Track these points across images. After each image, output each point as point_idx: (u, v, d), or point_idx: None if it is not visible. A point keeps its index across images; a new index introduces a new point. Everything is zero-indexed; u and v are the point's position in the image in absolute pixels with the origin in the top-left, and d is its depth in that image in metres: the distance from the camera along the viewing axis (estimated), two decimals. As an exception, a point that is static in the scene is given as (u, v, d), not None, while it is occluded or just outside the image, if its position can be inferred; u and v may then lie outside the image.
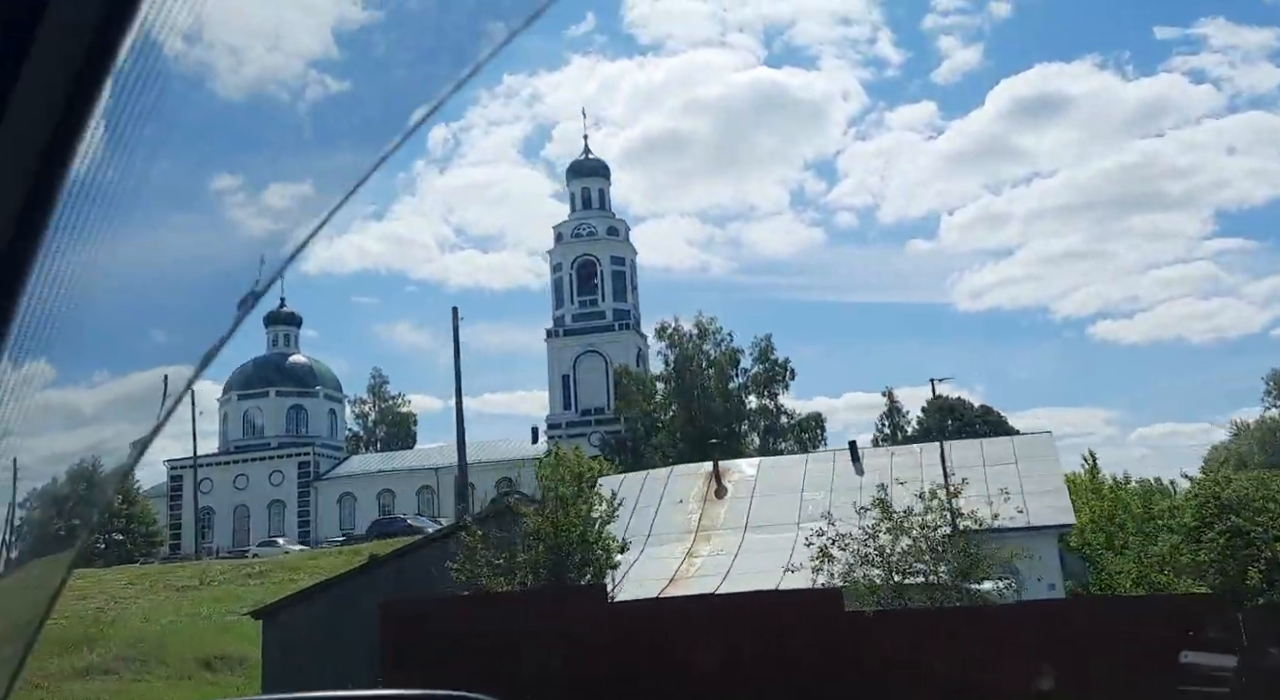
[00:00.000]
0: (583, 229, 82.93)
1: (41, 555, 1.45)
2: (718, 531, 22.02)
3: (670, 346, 72.48)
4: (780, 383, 70.67)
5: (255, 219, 1.15)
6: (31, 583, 1.37)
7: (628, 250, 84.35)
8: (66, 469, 1.36)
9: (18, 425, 1.11)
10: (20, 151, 0.95)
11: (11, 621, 1.37)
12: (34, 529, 1.44)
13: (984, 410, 78.15)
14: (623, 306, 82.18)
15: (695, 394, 70.74)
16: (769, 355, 71.10)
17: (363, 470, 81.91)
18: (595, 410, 79.17)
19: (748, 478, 25.84)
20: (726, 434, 71.26)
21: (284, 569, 35.40)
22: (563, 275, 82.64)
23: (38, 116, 0.94)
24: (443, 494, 79.04)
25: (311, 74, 1.08)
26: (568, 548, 18.21)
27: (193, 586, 32.97)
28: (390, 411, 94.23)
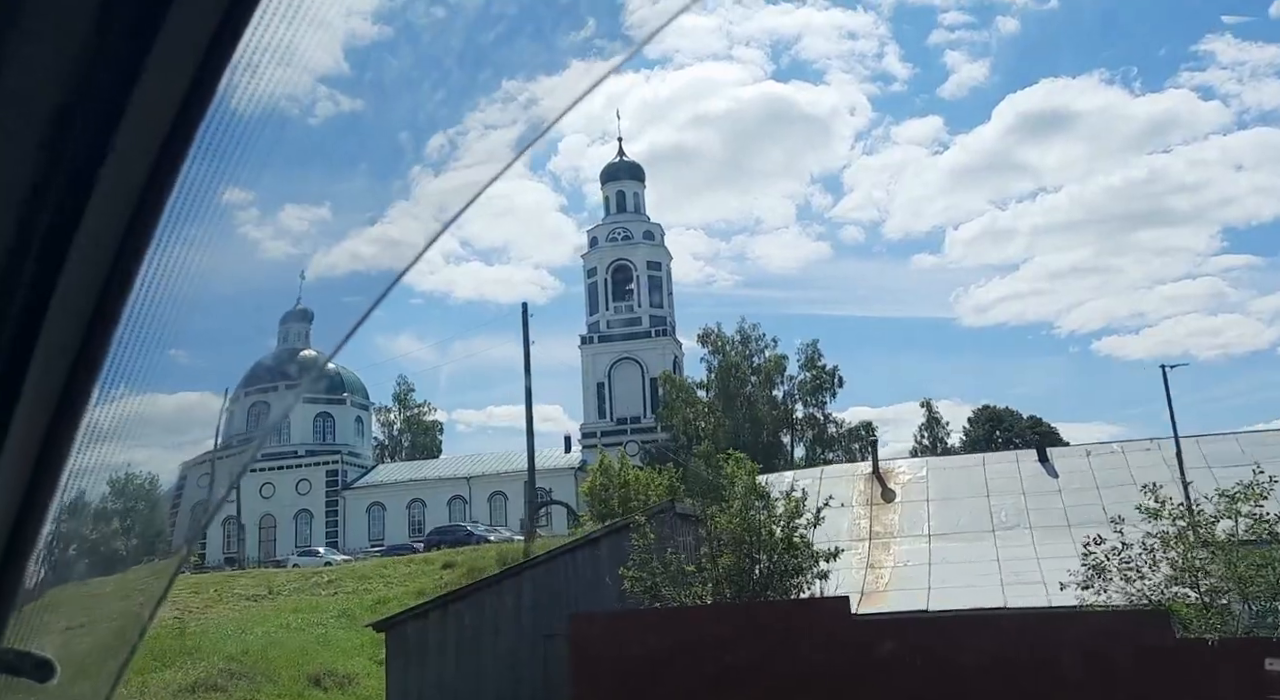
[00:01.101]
0: (618, 233, 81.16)
1: (145, 562, 1.53)
2: (895, 539, 19.86)
3: (713, 353, 70.62)
4: (828, 390, 68.76)
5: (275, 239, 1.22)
6: (135, 589, 1.44)
7: (663, 255, 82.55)
8: (168, 479, 1.42)
9: (121, 437, 1.15)
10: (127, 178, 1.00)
11: (115, 627, 1.43)
12: (137, 537, 1.55)
13: (1033, 422, 76.21)
14: (659, 312, 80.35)
15: (740, 402, 68.84)
16: (816, 362, 69.23)
17: (391, 479, 79.83)
18: (631, 419, 77.21)
19: (914, 480, 23.65)
20: (772, 443, 69.51)
21: (354, 578, 33.36)
22: (597, 280, 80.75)
23: (143, 154, 0.99)
24: (474, 504, 77.07)
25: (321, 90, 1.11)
26: (761, 553, 16.03)
27: (262, 595, 30.93)
28: (416, 420, 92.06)
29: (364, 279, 1.21)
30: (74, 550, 1.38)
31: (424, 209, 1.19)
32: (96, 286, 1.04)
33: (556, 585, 17.60)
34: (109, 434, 1.14)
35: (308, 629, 24.66)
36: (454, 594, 19.12)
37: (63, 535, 1.26)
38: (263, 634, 23.31)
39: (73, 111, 0.96)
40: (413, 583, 32.71)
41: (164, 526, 1.52)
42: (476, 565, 34.06)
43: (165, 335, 1.11)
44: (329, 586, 32.32)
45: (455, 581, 32.83)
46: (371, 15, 1.13)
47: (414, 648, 18.37)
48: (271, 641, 22.46)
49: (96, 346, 1.06)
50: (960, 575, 17.24)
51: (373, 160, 1.25)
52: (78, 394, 1.08)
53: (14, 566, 1.13)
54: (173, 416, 1.27)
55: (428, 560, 35.47)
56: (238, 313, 1.35)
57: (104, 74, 0.95)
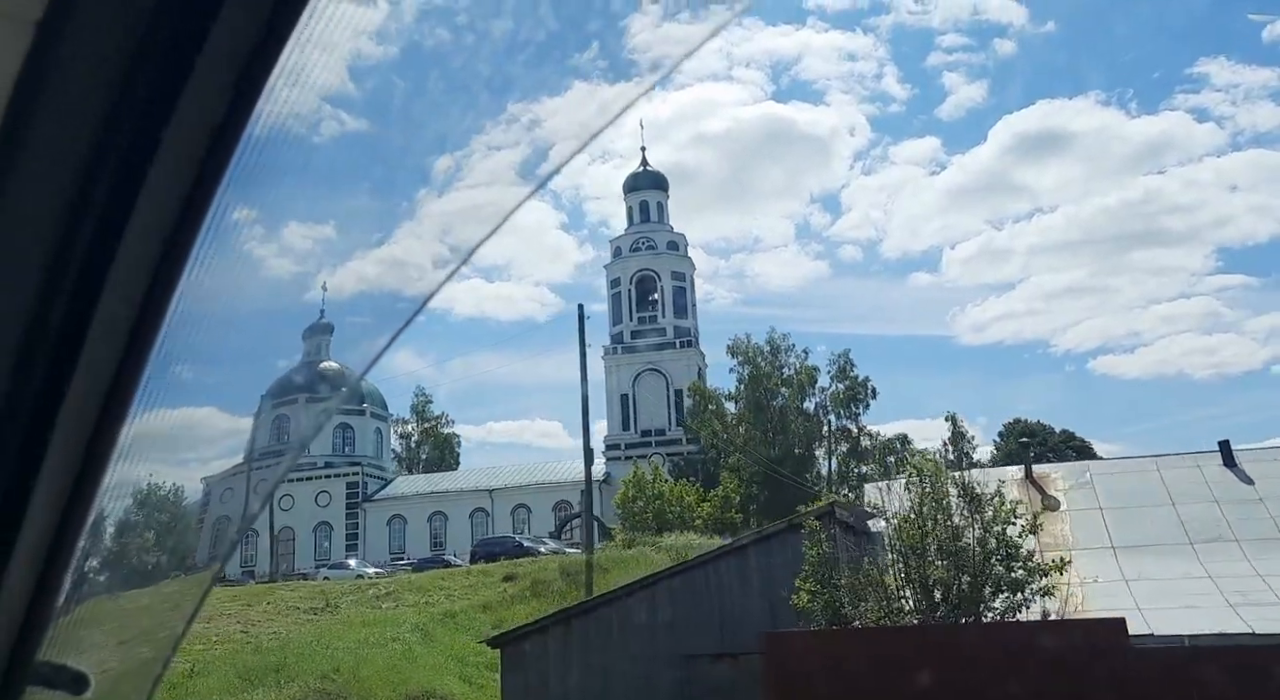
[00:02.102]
0: (642, 242, 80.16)
1: (177, 576, 1.53)
2: (1076, 552, 18.09)
3: (743, 363, 69.42)
4: (861, 402, 67.58)
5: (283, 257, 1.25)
6: (169, 603, 1.45)
7: (687, 265, 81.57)
8: (197, 495, 1.47)
9: (155, 454, 1.19)
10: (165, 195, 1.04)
11: (149, 640, 1.44)
12: (170, 552, 1.55)
13: (1066, 435, 75.19)
14: (683, 323, 79.26)
15: (770, 414, 67.66)
16: (849, 373, 68.09)
17: (412, 491, 78.42)
18: (656, 431, 75.97)
19: (1075, 486, 22.05)
20: (803, 457, 68.31)
21: (411, 590, 32.08)
22: (621, 290, 79.66)
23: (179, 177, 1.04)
24: (497, 517, 75.69)
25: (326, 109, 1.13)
26: (969, 564, 14.38)
27: (319, 608, 29.63)
28: (433, 432, 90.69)
29: (368, 300, 1.23)
30: (108, 565, 1.38)
31: (428, 230, 1.20)
32: (134, 308, 1.07)
33: (697, 598, 16.29)
34: (143, 451, 1.16)
35: (386, 644, 23.39)
36: (577, 608, 17.85)
37: (98, 550, 1.26)
38: (344, 649, 22.04)
39: (115, 134, 0.99)
40: (475, 595, 31.48)
41: (195, 541, 1.60)
42: (540, 578, 32.88)
43: (196, 353, 1.14)
44: (387, 599, 31.04)
45: (519, 594, 31.63)
46: (377, 36, 1.14)
47: (532, 666, 17.15)
48: (360, 658, 21.19)
49: (132, 366, 1.09)
50: (1172, 595, 15.56)
51: (378, 181, 1.27)
52: (114, 413, 1.10)
53: (51, 581, 1.15)
54: (202, 433, 1.30)
55: (485, 572, 34.20)
56: (261, 329, 1.37)
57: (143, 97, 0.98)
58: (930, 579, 14.19)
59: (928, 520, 14.52)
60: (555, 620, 17.50)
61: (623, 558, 35.67)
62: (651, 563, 35.61)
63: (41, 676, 1.20)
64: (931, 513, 14.63)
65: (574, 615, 17.30)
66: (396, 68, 1.16)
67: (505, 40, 1.09)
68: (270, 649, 21.43)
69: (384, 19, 1.15)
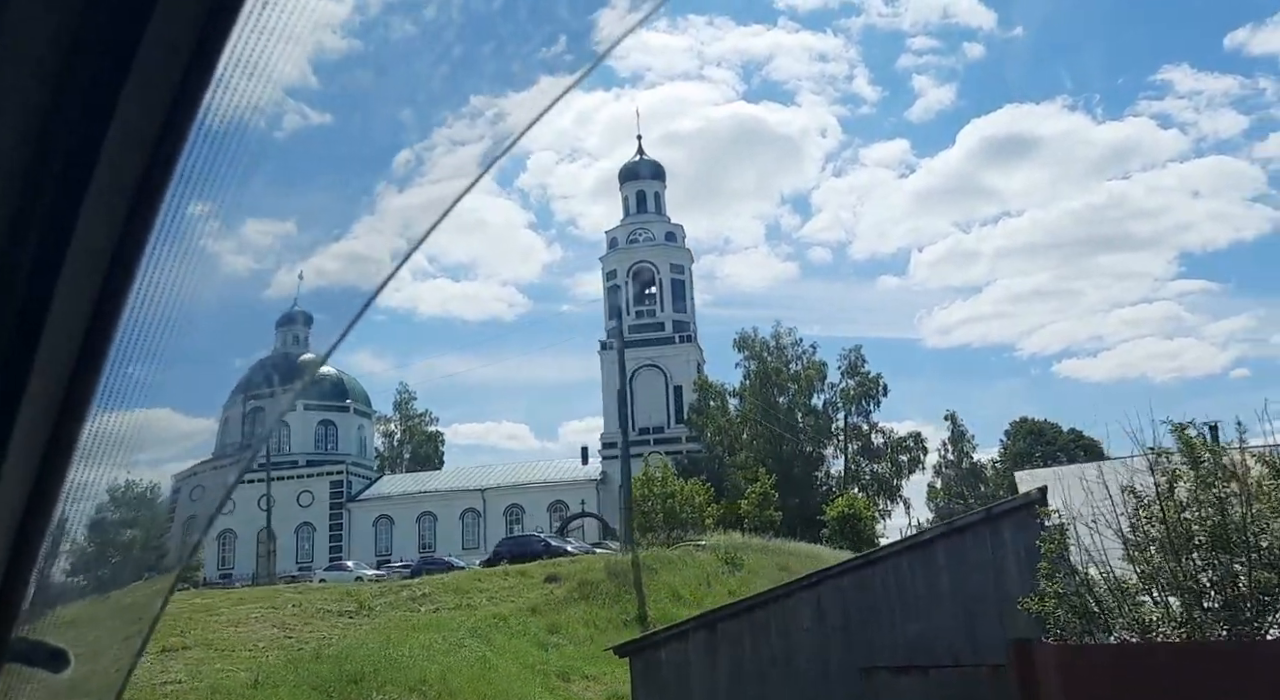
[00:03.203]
0: (639, 234, 77.72)
1: (142, 578, 1.52)
2: None
3: (749, 358, 67.29)
4: (873, 399, 65.65)
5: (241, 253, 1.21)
6: (134, 604, 1.45)
7: (685, 257, 79.21)
8: (166, 490, 1.47)
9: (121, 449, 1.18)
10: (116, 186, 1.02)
11: (116, 641, 1.44)
12: (139, 547, 1.54)
13: (1075, 434, 73.73)
14: (682, 317, 76.87)
15: (778, 411, 65.55)
16: (859, 369, 66.16)
17: (399, 491, 75.25)
18: (655, 428, 73.42)
19: None
20: (811, 455, 66.26)
21: (447, 592, 29.34)
22: (618, 283, 77.08)
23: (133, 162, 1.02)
24: (489, 517, 72.83)
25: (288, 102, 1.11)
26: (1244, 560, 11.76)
27: (351, 610, 26.79)
28: (417, 430, 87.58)
29: (329, 296, 1.22)
30: (82, 556, 1.40)
31: (389, 225, 1.17)
32: (90, 302, 1.06)
33: (873, 601, 13.77)
34: (106, 450, 1.16)
35: (453, 650, 20.77)
36: (725, 610, 15.22)
37: (63, 551, 1.28)
38: (414, 657, 19.37)
39: (57, 130, 0.98)
40: (518, 597, 28.86)
41: (163, 537, 1.58)
42: (586, 579, 30.35)
43: (159, 351, 1.12)
44: (423, 601, 28.29)
45: (568, 597, 29.07)
46: (340, 29, 1.11)
47: (671, 679, 14.61)
48: (444, 668, 18.55)
49: (92, 361, 1.08)
50: None
51: (339, 175, 1.25)
52: (74, 412, 1.10)
53: (17, 582, 1.16)
54: (169, 429, 1.29)
55: (523, 573, 31.53)
56: (224, 324, 1.35)
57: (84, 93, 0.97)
58: (1208, 580, 11.65)
59: (1205, 507, 12.00)
60: (698, 624, 14.94)
61: (668, 558, 33.23)
62: (700, 563, 33.25)
63: (18, 653, 1.19)
64: (1207, 498, 12.12)
65: (721, 619, 14.74)
66: (359, 60, 1.13)
67: (470, 32, 1.07)
68: (333, 656, 18.76)
69: (348, 12, 1.12)
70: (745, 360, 67.23)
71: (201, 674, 17.77)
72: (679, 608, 29.25)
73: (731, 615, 14.82)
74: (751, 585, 31.37)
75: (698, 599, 30.02)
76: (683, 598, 29.96)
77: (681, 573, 31.74)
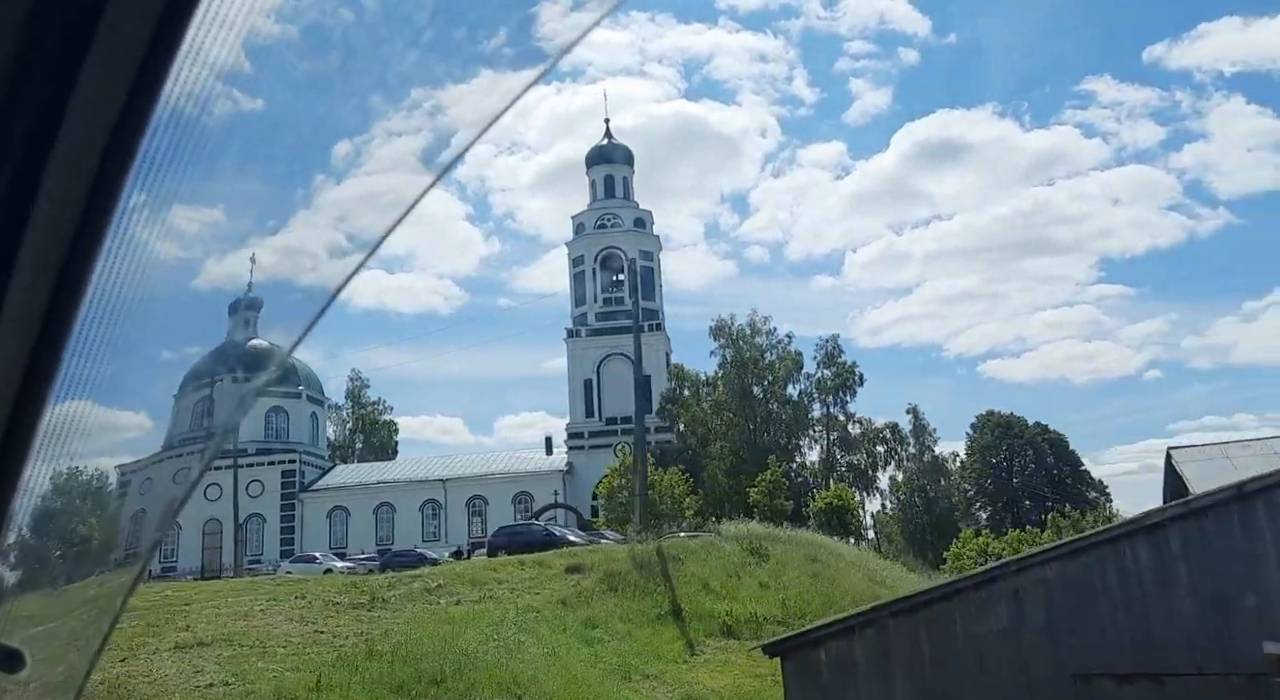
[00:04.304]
0: (607, 219, 75.53)
1: (98, 574, 1.48)
2: None
3: (725, 346, 65.56)
4: (849, 389, 64.41)
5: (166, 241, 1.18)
6: (93, 600, 1.41)
7: (654, 243, 77.16)
8: (121, 481, 1.42)
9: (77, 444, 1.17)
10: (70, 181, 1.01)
11: (75, 639, 1.40)
12: (97, 541, 1.51)
13: (1041, 428, 73.62)
14: (650, 305, 74.72)
15: (753, 400, 63.96)
16: (836, 359, 64.89)
17: (354, 481, 72.00)
18: (622, 418, 71.22)
19: None
20: (787, 445, 64.80)
21: (463, 583, 26.96)
22: (585, 269, 74.82)
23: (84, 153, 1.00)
24: (451, 509, 70.05)
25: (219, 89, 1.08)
26: None
27: (362, 603, 24.27)
28: (369, 419, 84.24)
29: (262, 288, 1.18)
30: (37, 553, 1.36)
31: (324, 218, 1.15)
32: (47, 295, 1.04)
33: (1087, 595, 11.81)
34: (61, 444, 1.14)
35: (517, 648, 18.56)
36: (897, 603, 13.18)
37: (17, 545, 1.25)
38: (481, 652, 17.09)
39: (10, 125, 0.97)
40: (544, 590, 26.68)
41: (117, 531, 1.52)
42: (611, 569, 28.25)
43: (111, 342, 1.11)
44: (439, 593, 25.88)
45: (595, 588, 26.95)
46: (275, 14, 1.08)
47: (834, 684, 12.64)
48: (535, 668, 16.34)
49: (46, 358, 1.07)
50: None
51: (274, 166, 1.22)
52: (30, 406, 1.09)
53: None
54: (120, 422, 1.27)
55: (541, 563, 29.27)
56: (174, 315, 1.32)
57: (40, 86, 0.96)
58: None
59: None
60: (864, 620, 12.92)
61: (691, 548, 31.31)
62: (725, 554, 31.36)
63: None
64: None
65: (892, 614, 12.74)
66: (296, 48, 1.10)
67: (411, 24, 1.05)
68: (398, 654, 16.45)
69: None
70: (721, 349, 65.47)
71: (245, 674, 15.35)
72: (711, 600, 27.42)
73: (905, 610, 12.87)
74: (782, 576, 29.64)
75: (730, 591, 28.22)
76: (713, 589, 28.12)
77: (707, 563, 29.86)
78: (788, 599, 27.65)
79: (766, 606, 27.11)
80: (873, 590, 28.78)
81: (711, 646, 24.53)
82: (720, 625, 25.65)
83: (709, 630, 25.43)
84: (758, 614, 26.42)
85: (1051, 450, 72.76)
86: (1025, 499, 73.86)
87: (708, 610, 26.49)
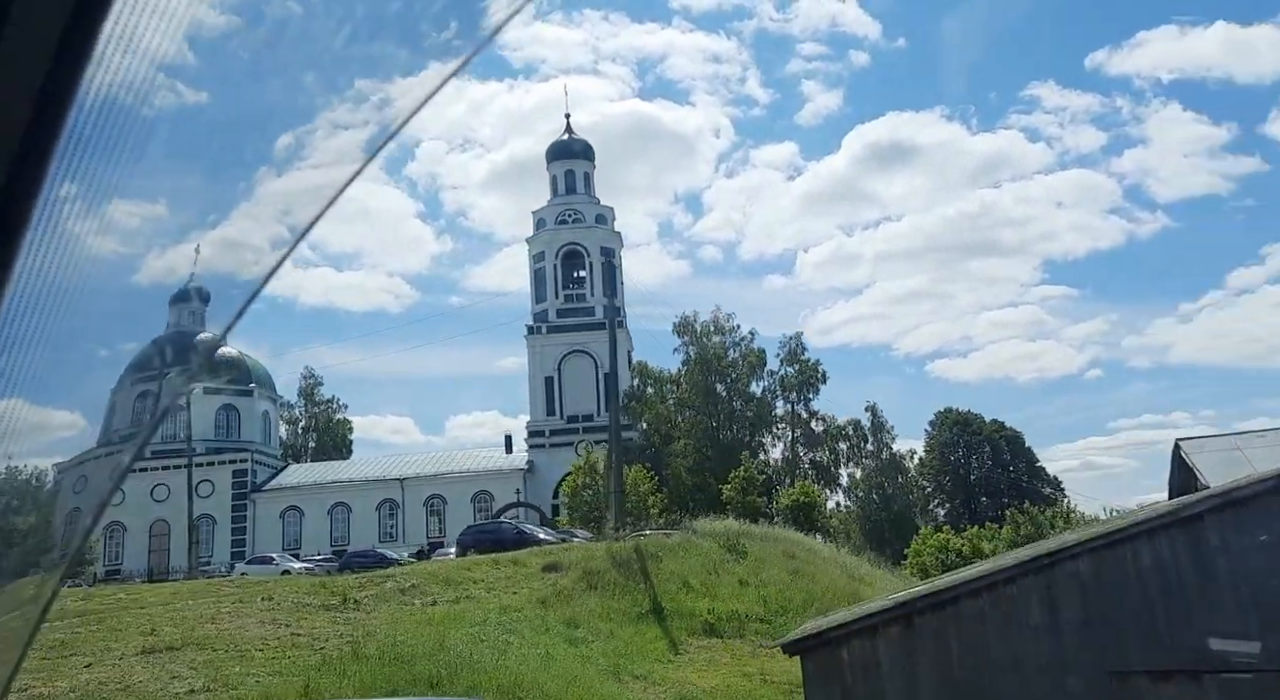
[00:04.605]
0: (568, 214, 74.58)
1: (27, 574, 1.46)
2: None
3: (689, 343, 65.07)
4: (812, 387, 64.24)
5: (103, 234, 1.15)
6: (18, 599, 1.39)
7: (616, 240, 76.38)
8: (54, 480, 1.41)
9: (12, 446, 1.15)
10: None
11: (9, 636, 1.39)
12: (19, 545, 1.47)
13: (997, 425, 74.16)
14: (613, 302, 74.01)
15: (717, 398, 63.58)
16: (799, 356, 64.71)
17: (309, 481, 70.38)
18: (584, 417, 70.51)
19: None
20: (751, 442, 64.46)
21: (437, 583, 26.06)
22: (545, 265, 73.88)
23: None
24: (408, 509, 68.75)
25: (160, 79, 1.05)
26: None
27: (334, 605, 23.27)
28: (323, 418, 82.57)
29: (204, 281, 1.17)
30: None
31: (266, 211, 1.12)
32: None
33: (1119, 589, 11.31)
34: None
35: (504, 649, 17.78)
36: (923, 599, 12.58)
37: None
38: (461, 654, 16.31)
39: None
40: (521, 589, 25.92)
41: (47, 531, 1.51)
42: (590, 568, 27.54)
43: (41, 338, 1.08)
44: (412, 593, 24.99)
45: (574, 587, 26.24)
46: (219, 5, 1.06)
47: (858, 684, 12.08)
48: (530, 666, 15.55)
49: None
50: None
51: (215, 157, 1.20)
52: None
53: None
54: (50, 419, 1.24)
55: (517, 562, 28.47)
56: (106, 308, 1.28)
57: None
58: None
59: None
60: (889, 616, 12.32)
61: (668, 545, 30.70)
62: (703, 551, 30.77)
63: None
64: None
65: (919, 610, 12.17)
66: (239, 38, 1.07)
67: (357, 15, 1.04)
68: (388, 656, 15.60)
69: None
70: (685, 345, 64.92)
71: (225, 679, 14.43)
72: (691, 598, 26.86)
73: (932, 607, 12.34)
74: (761, 573, 29.17)
75: (709, 588, 27.67)
76: (693, 587, 27.53)
77: (686, 560, 29.26)
78: (768, 596, 27.15)
79: (747, 604, 26.59)
80: (853, 587, 28.42)
81: (695, 645, 23.95)
82: (702, 623, 25.07)
83: (691, 629, 24.84)
84: (739, 612, 25.90)
85: (1008, 447, 73.31)
86: (982, 496, 74.36)
87: (689, 608, 25.91)
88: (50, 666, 16.45)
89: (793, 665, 22.40)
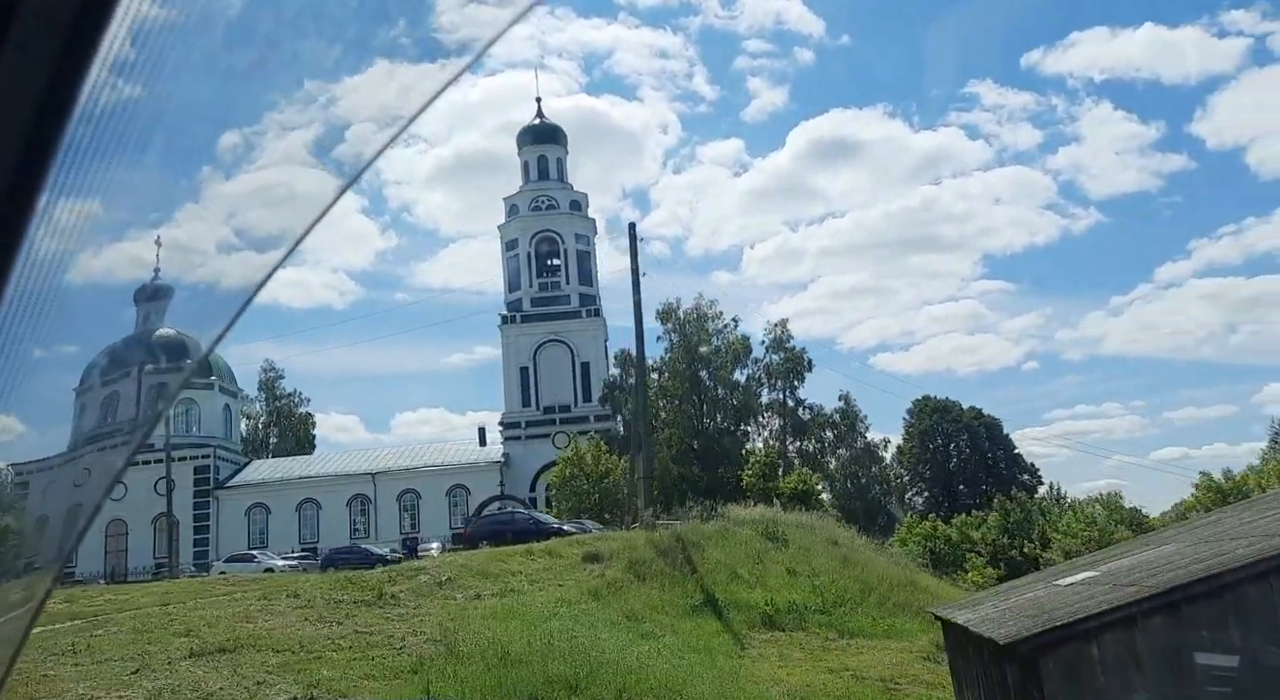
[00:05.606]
0: (541, 201, 72.49)
1: (20, 576, 1.43)
2: None
3: (672, 331, 63.43)
4: (798, 375, 63.05)
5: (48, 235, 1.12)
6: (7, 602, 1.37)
7: (590, 227, 74.50)
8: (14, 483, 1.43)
9: None
10: None
11: None
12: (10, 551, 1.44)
13: (975, 412, 73.83)
14: (588, 290, 72.16)
15: (701, 386, 62.08)
16: (785, 344, 63.48)
17: (274, 477, 67.48)
18: (561, 407, 68.59)
19: None
20: (736, 431, 63.13)
21: (472, 575, 24.05)
22: (519, 253, 71.73)
23: None
24: (381, 505, 66.18)
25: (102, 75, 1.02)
26: None
27: (370, 600, 21.23)
28: (285, 412, 79.48)
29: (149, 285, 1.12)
30: None
31: (212, 212, 1.08)
32: None
33: None
34: None
35: (627, 647, 15.99)
36: (1193, 587, 10.65)
37: None
38: (591, 652, 14.47)
39: None
40: (566, 580, 24.18)
41: (28, 538, 1.47)
42: (636, 557, 25.80)
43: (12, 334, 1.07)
44: (451, 587, 22.99)
45: (623, 578, 24.48)
46: None
47: (1114, 682, 10.43)
48: (666, 665, 13.78)
49: None
50: None
51: (157, 156, 1.14)
52: None
53: None
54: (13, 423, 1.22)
55: (552, 553, 26.60)
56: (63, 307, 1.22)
57: None
58: None
59: None
60: (1147, 607, 10.65)
61: (708, 533, 29.08)
62: (743, 539, 29.16)
63: None
64: None
65: (1187, 598, 10.48)
66: (181, 33, 1.03)
67: (305, 12, 1.01)
68: (495, 657, 13.72)
69: None
70: (668, 333, 63.26)
71: (321, 683, 12.47)
72: (742, 588, 25.31)
73: (1204, 594, 10.57)
74: (809, 562, 27.68)
75: (758, 577, 26.16)
76: (741, 577, 26.00)
77: (729, 549, 27.68)
78: (822, 586, 25.65)
79: (802, 594, 25.09)
80: (908, 576, 27.04)
81: (758, 639, 22.36)
82: (761, 616, 23.49)
83: (750, 621, 23.25)
84: (796, 603, 24.37)
85: (986, 434, 72.97)
86: (960, 484, 73.97)
87: (743, 600, 24.32)
88: (84, 673, 14.35)
89: (876, 659, 20.92)
